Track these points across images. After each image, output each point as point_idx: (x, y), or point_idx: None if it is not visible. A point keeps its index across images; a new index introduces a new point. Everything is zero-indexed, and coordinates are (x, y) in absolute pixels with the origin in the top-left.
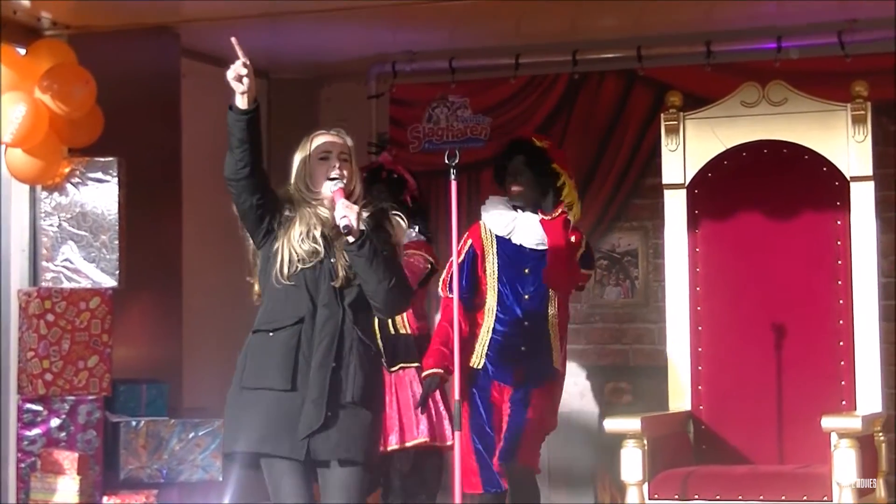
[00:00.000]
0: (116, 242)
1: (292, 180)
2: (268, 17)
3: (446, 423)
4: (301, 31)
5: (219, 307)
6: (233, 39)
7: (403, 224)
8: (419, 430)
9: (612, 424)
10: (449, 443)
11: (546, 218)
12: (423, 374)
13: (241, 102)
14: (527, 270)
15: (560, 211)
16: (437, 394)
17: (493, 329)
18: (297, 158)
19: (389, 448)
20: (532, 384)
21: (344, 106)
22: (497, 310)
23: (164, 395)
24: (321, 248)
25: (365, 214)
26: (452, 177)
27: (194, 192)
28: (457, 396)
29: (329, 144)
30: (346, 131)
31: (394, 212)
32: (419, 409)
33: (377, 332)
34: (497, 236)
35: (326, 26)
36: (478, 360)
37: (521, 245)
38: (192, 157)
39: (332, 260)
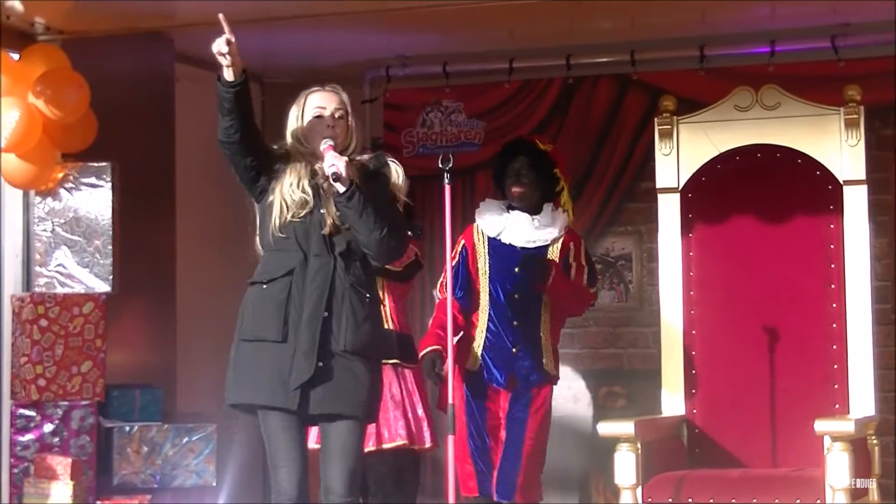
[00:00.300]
0: (110, 247)
1: (287, 135)
2: (262, 21)
3: (425, 425)
4: (295, 36)
5: (213, 312)
6: (220, 16)
7: (401, 170)
8: (397, 431)
9: (606, 428)
10: (427, 446)
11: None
12: (421, 353)
13: (228, 75)
14: (517, 269)
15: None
16: (417, 395)
17: (487, 328)
18: (292, 114)
19: (366, 450)
20: (524, 387)
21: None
22: (489, 310)
23: (157, 401)
24: (310, 198)
25: (365, 157)
26: (446, 181)
27: (188, 197)
28: (450, 400)
29: (324, 100)
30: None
31: (390, 159)
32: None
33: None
34: (489, 237)
35: (320, 31)
36: (474, 361)
37: (511, 244)
38: (185, 161)
39: (321, 210)
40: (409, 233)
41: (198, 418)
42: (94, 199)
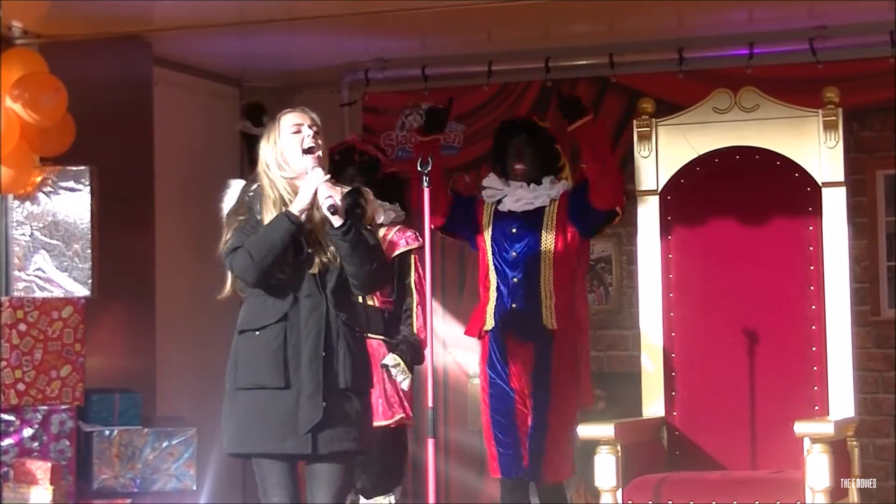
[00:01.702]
0: (89, 251)
1: (260, 167)
2: (239, 25)
3: (395, 401)
4: (273, 40)
5: (192, 316)
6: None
7: (375, 201)
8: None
9: (586, 431)
10: (399, 417)
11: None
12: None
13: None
14: (514, 230)
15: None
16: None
17: (497, 288)
18: (265, 144)
19: None
20: (528, 343)
21: (317, 114)
22: (496, 272)
23: (137, 405)
24: (303, 242)
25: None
26: (425, 184)
27: (167, 201)
28: (430, 403)
29: (298, 118)
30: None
31: (364, 189)
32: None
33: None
34: (494, 209)
35: (298, 34)
36: (489, 321)
37: (509, 210)
38: (164, 164)
39: (308, 250)
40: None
41: (177, 422)
42: (73, 203)
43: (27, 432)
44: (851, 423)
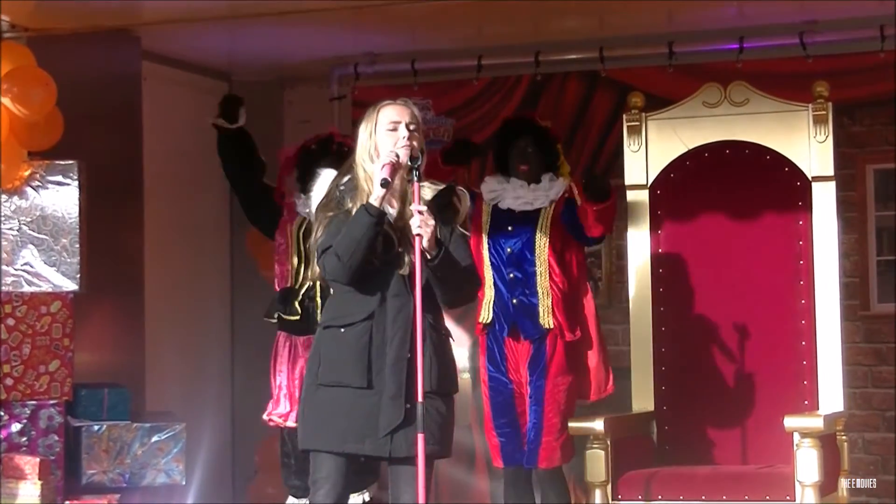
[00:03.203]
0: (77, 246)
1: (357, 157)
2: (228, 19)
3: None
4: (262, 34)
5: (181, 311)
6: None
7: (467, 196)
8: None
9: (576, 425)
10: None
11: None
12: None
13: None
14: (510, 228)
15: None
16: None
17: (494, 284)
18: (363, 132)
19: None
20: (529, 339)
21: (306, 108)
22: (492, 268)
23: (125, 400)
24: (394, 239)
25: (430, 195)
26: (415, 177)
27: (156, 195)
28: (420, 398)
29: (397, 113)
30: (311, 129)
31: (458, 187)
32: None
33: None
34: (492, 206)
35: (287, 28)
36: (486, 314)
37: (508, 209)
38: (153, 159)
39: (399, 248)
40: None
41: (166, 417)
42: (61, 198)
43: (15, 427)
44: (841, 418)
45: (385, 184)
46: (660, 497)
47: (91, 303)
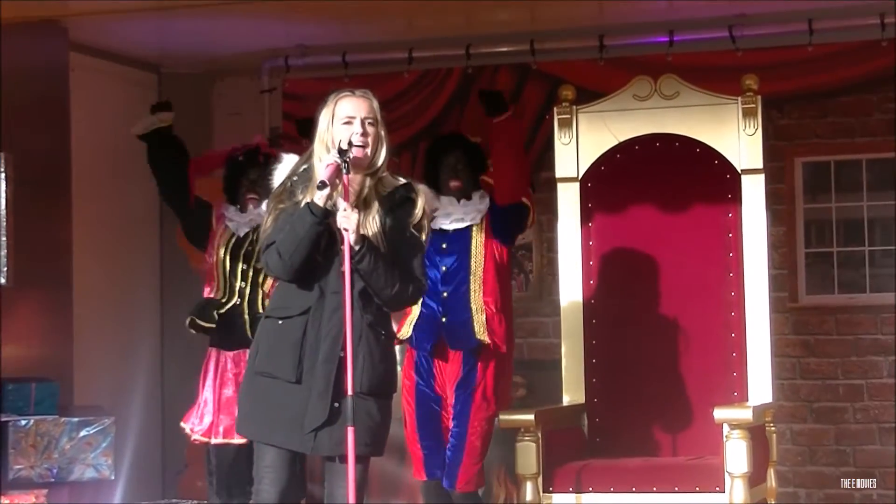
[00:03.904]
0: (4, 239)
1: (316, 147)
2: (157, 10)
3: None
4: (192, 25)
5: (110, 304)
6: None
7: (429, 192)
8: None
9: (507, 418)
10: None
11: None
12: None
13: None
14: (444, 246)
15: None
16: None
17: (423, 303)
18: (323, 119)
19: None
20: (459, 355)
21: (237, 101)
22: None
23: (53, 394)
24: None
25: (394, 182)
26: (345, 171)
27: (84, 188)
28: (350, 391)
29: (354, 108)
30: (242, 122)
31: (418, 184)
32: None
33: None
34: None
35: (217, 20)
36: (406, 330)
37: (440, 228)
38: (81, 150)
39: (341, 245)
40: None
41: (95, 411)
42: None
43: None
44: (770, 409)
45: (322, 186)
46: (591, 489)
47: (18, 296)
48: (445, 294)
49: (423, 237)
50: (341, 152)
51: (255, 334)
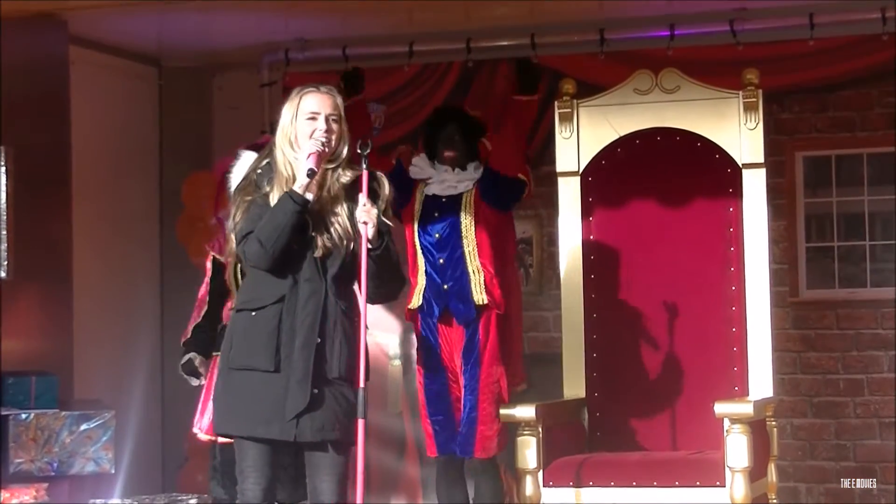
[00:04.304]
0: (4, 233)
1: (277, 141)
2: (157, 4)
3: None
4: (192, 19)
5: (110, 298)
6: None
7: (387, 182)
8: None
9: (507, 412)
10: None
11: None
12: None
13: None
14: (436, 213)
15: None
16: None
17: (426, 272)
18: (286, 114)
19: None
20: (463, 321)
21: (237, 94)
22: (424, 253)
23: (53, 388)
24: (308, 223)
25: (348, 180)
26: (364, 165)
27: (84, 182)
28: (361, 384)
29: (318, 105)
30: (242, 116)
31: (379, 173)
32: None
33: None
34: (424, 194)
35: (217, 14)
36: (417, 299)
37: (433, 195)
38: (82, 146)
39: (312, 232)
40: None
41: (95, 405)
42: None
43: None
44: (770, 404)
45: (312, 174)
46: (591, 484)
47: (18, 290)
48: (442, 261)
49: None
50: (362, 147)
51: (227, 330)
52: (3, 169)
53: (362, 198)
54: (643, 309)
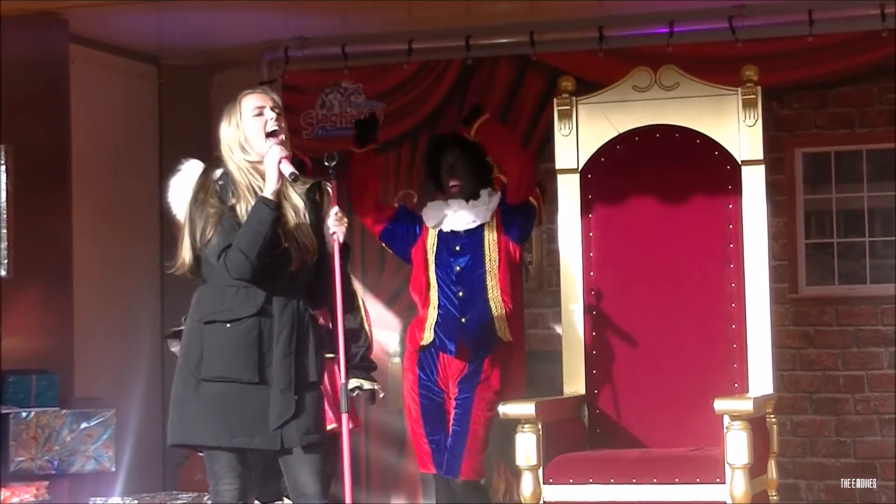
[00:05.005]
0: (4, 231)
1: (223, 151)
2: (157, 2)
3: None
4: (191, 17)
5: (110, 296)
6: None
7: (331, 192)
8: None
9: (507, 409)
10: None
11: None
12: None
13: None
14: (458, 248)
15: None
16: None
17: (438, 305)
18: (226, 127)
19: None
20: (477, 356)
21: (236, 92)
22: (438, 288)
23: (54, 386)
24: (281, 238)
25: (300, 189)
26: (332, 176)
27: (84, 179)
28: (342, 380)
29: (259, 99)
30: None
31: (325, 182)
32: None
33: None
34: (438, 231)
35: (217, 12)
36: (428, 336)
37: (452, 230)
38: (81, 142)
39: (284, 244)
40: None
41: (95, 403)
42: None
43: None
44: (770, 401)
45: (295, 177)
46: (591, 480)
47: (18, 288)
48: (461, 294)
49: None
50: (329, 159)
51: (187, 341)
52: (4, 167)
53: (335, 209)
54: (643, 306)
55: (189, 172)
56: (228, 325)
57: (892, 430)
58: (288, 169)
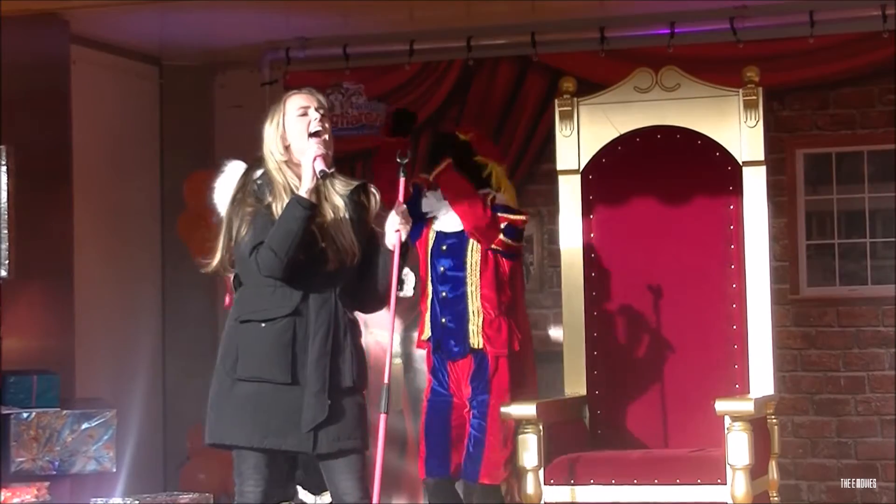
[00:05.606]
0: (5, 232)
1: (265, 151)
2: (158, 2)
3: None
4: (193, 18)
5: (111, 296)
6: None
7: (377, 195)
8: None
9: (508, 410)
10: None
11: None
12: None
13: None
14: (444, 248)
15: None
16: None
17: (432, 301)
18: (269, 124)
19: None
20: (453, 356)
21: (238, 93)
22: (431, 285)
23: (55, 386)
24: (318, 236)
25: (342, 190)
26: (401, 175)
27: (85, 179)
28: (386, 380)
29: (306, 100)
30: (243, 114)
31: (371, 185)
32: None
33: None
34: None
35: (218, 12)
36: (427, 330)
37: (441, 230)
38: (82, 143)
39: (321, 244)
40: None
41: (97, 404)
42: None
43: None
44: (771, 401)
45: (324, 175)
46: (592, 481)
47: (19, 288)
48: (444, 294)
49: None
50: (401, 157)
51: (225, 341)
52: (4, 167)
53: (403, 207)
54: (644, 307)
55: (231, 173)
56: (263, 324)
57: (892, 430)
58: (320, 166)
